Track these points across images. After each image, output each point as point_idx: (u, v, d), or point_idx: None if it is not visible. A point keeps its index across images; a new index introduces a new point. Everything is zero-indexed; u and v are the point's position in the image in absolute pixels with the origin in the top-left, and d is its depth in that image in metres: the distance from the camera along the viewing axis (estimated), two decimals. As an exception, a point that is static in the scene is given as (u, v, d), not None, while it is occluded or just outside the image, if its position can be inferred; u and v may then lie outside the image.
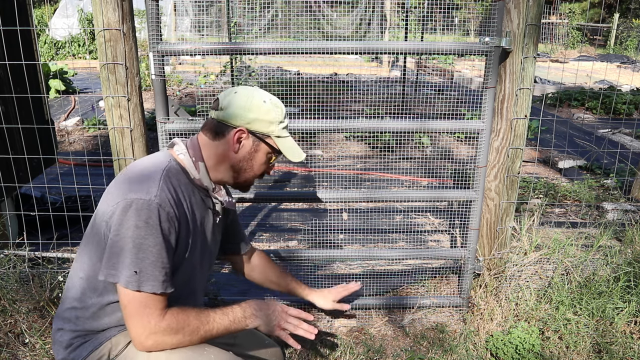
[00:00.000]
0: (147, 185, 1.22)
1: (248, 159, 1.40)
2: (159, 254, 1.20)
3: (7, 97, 2.55)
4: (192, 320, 1.25)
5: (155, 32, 1.89)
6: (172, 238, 1.24)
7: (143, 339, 1.20)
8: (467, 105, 5.83)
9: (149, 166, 1.29)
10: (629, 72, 11.50)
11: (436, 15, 4.79)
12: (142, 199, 1.18)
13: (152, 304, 1.20)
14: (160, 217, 1.19)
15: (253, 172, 1.43)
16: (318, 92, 5.03)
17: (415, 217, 3.47)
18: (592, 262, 2.30)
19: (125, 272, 1.17)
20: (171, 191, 1.26)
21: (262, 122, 1.36)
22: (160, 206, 1.20)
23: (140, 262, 1.17)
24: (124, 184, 1.23)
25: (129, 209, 1.17)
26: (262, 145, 1.39)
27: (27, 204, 2.94)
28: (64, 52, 11.98)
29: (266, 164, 1.43)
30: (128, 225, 1.17)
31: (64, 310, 1.35)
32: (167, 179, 1.27)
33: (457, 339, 2.16)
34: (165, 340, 1.21)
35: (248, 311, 1.34)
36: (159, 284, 1.20)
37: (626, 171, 4.19)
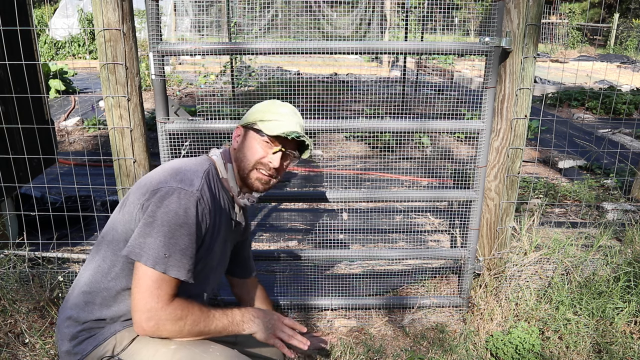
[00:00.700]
0: (191, 179, 1.30)
1: (240, 148, 1.45)
2: (190, 243, 1.25)
3: (7, 97, 2.55)
4: (195, 312, 1.28)
5: (155, 32, 1.89)
6: (202, 232, 1.30)
7: (144, 320, 1.22)
8: (467, 105, 5.83)
9: (193, 164, 1.38)
10: (629, 72, 11.50)
11: (436, 15, 4.79)
12: (185, 190, 1.26)
13: (165, 287, 1.23)
14: (198, 210, 1.26)
15: (247, 161, 1.44)
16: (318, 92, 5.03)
17: (415, 217, 3.47)
18: (592, 262, 2.30)
19: (154, 253, 1.21)
20: (211, 190, 1.35)
21: (251, 115, 1.45)
22: (199, 200, 1.27)
23: (172, 246, 1.22)
24: (167, 174, 1.30)
25: (171, 195, 1.24)
26: (250, 132, 1.45)
27: (27, 204, 2.94)
28: (64, 52, 11.98)
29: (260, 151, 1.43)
30: (167, 209, 1.22)
31: (74, 296, 1.37)
32: (207, 178, 1.36)
33: (457, 339, 2.16)
34: (166, 326, 1.24)
35: (247, 316, 1.37)
36: (184, 271, 1.25)
37: (626, 171, 4.20)
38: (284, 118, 1.43)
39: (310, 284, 2.35)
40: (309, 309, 2.33)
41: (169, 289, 1.24)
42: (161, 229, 1.22)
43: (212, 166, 1.43)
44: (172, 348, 1.27)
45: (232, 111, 4.67)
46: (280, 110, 1.45)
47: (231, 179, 1.46)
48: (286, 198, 2.75)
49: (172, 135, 2.00)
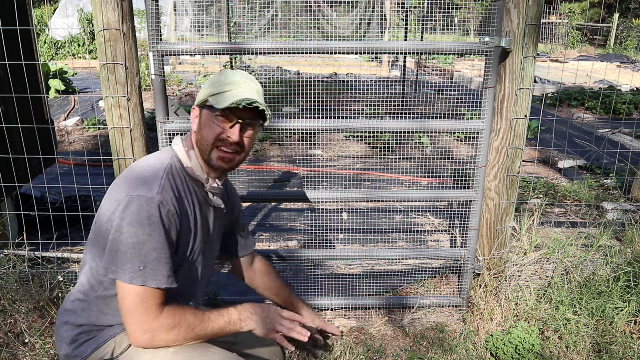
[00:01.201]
0: (150, 183, 1.24)
1: (199, 130, 1.37)
2: (162, 250, 1.21)
3: (7, 97, 2.55)
4: (189, 318, 1.26)
5: (155, 32, 1.89)
6: (173, 235, 1.26)
7: (139, 334, 1.21)
8: (467, 105, 5.83)
9: (152, 165, 1.31)
10: (629, 72, 11.50)
11: (436, 15, 4.79)
12: (144, 197, 1.20)
13: (151, 299, 1.21)
14: (162, 214, 1.21)
15: (206, 140, 1.35)
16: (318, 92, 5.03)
17: (415, 217, 3.47)
18: (592, 262, 2.30)
19: (129, 268, 1.18)
20: (173, 189, 1.28)
21: (204, 91, 1.36)
22: (162, 204, 1.22)
23: (144, 258, 1.19)
24: (127, 183, 1.25)
25: (131, 206, 1.19)
26: (204, 111, 1.36)
27: (27, 204, 2.94)
28: (64, 52, 11.98)
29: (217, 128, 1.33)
30: (130, 222, 1.18)
31: (70, 302, 1.36)
32: (169, 178, 1.29)
33: (457, 339, 2.16)
34: (160, 337, 1.22)
35: (244, 314, 1.35)
36: (164, 279, 1.22)
37: (626, 171, 4.19)
38: (234, 87, 1.32)
39: (310, 284, 2.35)
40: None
41: (155, 300, 1.22)
42: (129, 241, 1.19)
43: (175, 159, 1.36)
44: (171, 351, 1.27)
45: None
46: (231, 80, 1.34)
47: (196, 167, 1.38)
48: (286, 198, 2.75)
49: (172, 135, 2.00)
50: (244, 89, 1.32)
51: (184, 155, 1.37)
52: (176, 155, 1.37)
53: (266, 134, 5.14)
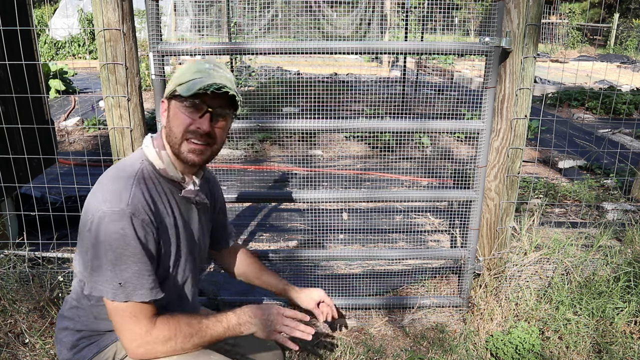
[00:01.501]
0: (119, 194, 1.17)
1: (168, 123, 1.29)
2: (140, 262, 1.17)
3: (7, 97, 2.55)
4: (184, 328, 1.22)
5: (155, 32, 1.89)
6: (151, 244, 1.20)
7: (134, 347, 1.18)
8: (467, 105, 5.82)
9: (121, 172, 1.24)
10: (629, 72, 11.50)
11: (436, 15, 4.79)
12: (113, 210, 1.14)
13: (140, 313, 1.18)
14: (135, 225, 1.15)
15: (175, 134, 1.26)
16: (318, 92, 5.03)
17: (415, 217, 3.47)
18: (592, 262, 2.30)
19: (109, 286, 1.15)
20: (145, 196, 1.21)
21: (171, 83, 1.28)
22: (134, 215, 1.16)
23: (122, 273, 1.15)
24: (98, 194, 1.20)
25: (103, 221, 1.14)
26: (172, 102, 1.27)
27: (27, 204, 2.94)
28: (64, 52, 11.98)
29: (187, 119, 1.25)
30: (105, 237, 1.14)
31: (67, 309, 1.35)
32: (139, 184, 1.22)
33: (457, 339, 2.16)
34: (156, 349, 1.19)
35: (243, 318, 1.30)
36: (147, 291, 1.18)
37: (626, 171, 4.19)
38: (203, 74, 1.23)
39: (310, 284, 2.35)
40: (309, 309, 2.32)
41: (144, 313, 1.18)
42: (106, 259, 1.14)
43: (145, 162, 1.28)
44: (174, 358, 1.26)
45: (232, 111, 4.66)
46: (199, 68, 1.25)
47: (169, 167, 1.29)
48: (286, 198, 2.74)
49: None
50: (213, 76, 1.23)
51: (155, 157, 1.29)
52: (146, 157, 1.29)
53: (266, 134, 5.14)
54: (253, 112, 5.27)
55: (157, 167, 1.29)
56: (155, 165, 1.29)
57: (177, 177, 1.31)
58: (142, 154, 1.30)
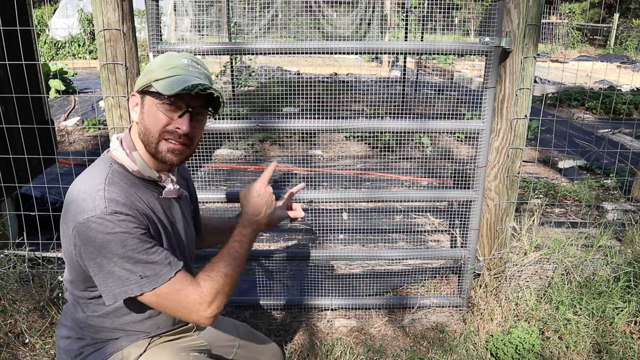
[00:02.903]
0: (93, 202, 1.11)
1: (142, 119, 1.21)
2: (144, 248, 1.13)
3: (7, 97, 2.55)
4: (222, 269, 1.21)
5: (155, 32, 1.89)
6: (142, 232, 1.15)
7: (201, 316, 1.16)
8: (467, 105, 5.82)
9: (90, 182, 1.17)
10: (629, 72, 11.50)
11: (436, 15, 4.79)
12: (93, 216, 1.09)
13: (179, 285, 1.15)
14: (120, 221, 1.11)
15: (151, 132, 1.20)
16: (318, 92, 5.03)
17: (415, 217, 3.47)
18: (592, 262, 2.30)
19: (133, 284, 1.12)
20: (120, 198, 1.15)
21: (145, 75, 1.20)
22: (115, 212, 1.11)
23: (136, 266, 1.12)
24: (72, 211, 1.13)
25: (89, 231, 1.09)
26: (146, 98, 1.19)
27: (27, 204, 2.94)
28: (64, 52, 11.98)
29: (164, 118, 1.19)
30: (99, 245, 1.10)
31: (67, 320, 1.32)
32: (110, 189, 1.15)
33: (457, 339, 2.16)
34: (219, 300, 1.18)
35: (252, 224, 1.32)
36: (167, 269, 1.15)
37: (626, 171, 4.19)
38: (183, 71, 1.17)
39: (310, 284, 2.35)
40: (309, 308, 2.33)
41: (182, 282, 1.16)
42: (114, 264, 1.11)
43: (114, 166, 1.21)
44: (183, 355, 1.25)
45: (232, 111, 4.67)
46: (176, 63, 1.18)
47: (143, 168, 1.23)
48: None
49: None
50: (192, 74, 1.18)
51: (126, 159, 1.22)
52: (115, 161, 1.23)
53: (266, 134, 5.14)
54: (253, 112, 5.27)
55: (130, 170, 1.23)
56: (128, 168, 1.23)
57: (154, 177, 1.26)
58: (107, 159, 1.23)
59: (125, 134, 1.26)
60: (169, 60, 1.19)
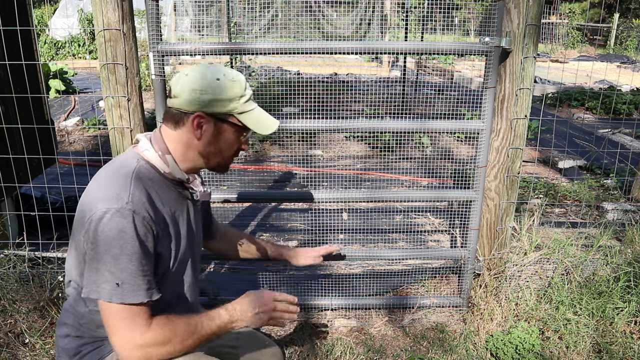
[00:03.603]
0: (117, 193, 1.15)
1: (214, 142, 1.29)
2: (138, 263, 1.15)
3: (7, 97, 2.55)
4: (180, 330, 1.19)
5: (155, 32, 1.89)
6: (149, 243, 1.18)
7: (128, 351, 1.14)
8: (467, 105, 5.83)
9: (117, 171, 1.22)
10: (629, 72, 11.50)
11: (436, 15, 4.79)
12: (113, 208, 1.12)
13: (136, 315, 1.15)
14: (136, 223, 1.14)
15: (223, 155, 1.32)
16: (318, 92, 5.03)
17: (415, 217, 3.47)
18: (592, 262, 2.30)
19: (107, 286, 1.13)
20: (144, 194, 1.19)
21: (220, 102, 1.25)
22: (135, 212, 1.14)
23: (120, 273, 1.13)
24: (95, 194, 1.18)
25: (102, 220, 1.12)
26: (225, 125, 1.28)
27: (27, 204, 2.94)
28: (64, 52, 11.98)
29: (237, 143, 1.32)
30: (104, 236, 1.12)
31: (67, 317, 1.32)
32: (137, 182, 1.20)
33: (457, 339, 2.16)
34: (151, 352, 1.16)
35: (234, 315, 1.28)
36: (143, 292, 1.15)
37: (626, 171, 4.19)
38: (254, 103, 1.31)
39: (310, 284, 2.36)
40: (309, 308, 2.33)
41: (140, 314, 1.15)
42: (104, 259, 1.12)
43: (141, 162, 1.25)
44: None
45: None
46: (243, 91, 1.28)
47: (175, 171, 1.29)
48: (286, 198, 2.75)
49: (172, 135, 2.00)
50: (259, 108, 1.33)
51: (158, 161, 1.27)
52: (145, 159, 1.27)
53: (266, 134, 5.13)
54: (253, 112, 5.25)
55: (162, 171, 1.28)
56: (159, 169, 1.27)
57: (184, 178, 1.31)
58: (135, 154, 1.28)
59: (157, 137, 1.30)
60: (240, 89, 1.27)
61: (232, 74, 1.28)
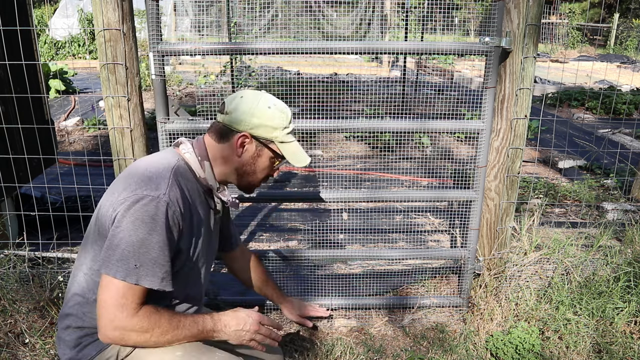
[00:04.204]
0: (157, 182, 1.23)
1: (251, 163, 1.42)
2: (161, 251, 1.19)
3: (7, 97, 2.55)
4: (163, 323, 1.22)
5: (155, 32, 1.89)
6: (175, 236, 1.24)
7: (109, 330, 1.17)
8: (467, 105, 5.82)
9: (158, 164, 1.30)
10: (629, 72, 11.50)
11: (436, 15, 4.79)
12: (150, 195, 1.19)
13: (131, 296, 1.18)
14: (167, 214, 1.20)
15: (256, 176, 1.44)
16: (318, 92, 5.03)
17: (415, 217, 3.47)
18: (592, 262, 2.30)
19: (124, 265, 1.16)
20: (181, 190, 1.27)
21: (266, 128, 1.38)
22: (168, 204, 1.20)
23: (141, 256, 1.17)
24: (132, 180, 1.24)
25: (137, 203, 1.18)
26: (265, 150, 1.41)
27: (27, 204, 2.94)
28: (64, 52, 11.98)
29: (270, 168, 1.45)
30: (133, 219, 1.17)
31: (69, 307, 1.34)
32: (176, 177, 1.28)
33: (457, 339, 2.16)
34: (130, 337, 1.19)
35: (218, 325, 1.31)
36: (157, 280, 1.20)
37: (626, 171, 4.19)
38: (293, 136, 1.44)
39: (310, 284, 2.35)
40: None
41: (135, 298, 1.19)
42: (129, 239, 1.17)
43: (181, 161, 1.35)
44: (178, 355, 1.25)
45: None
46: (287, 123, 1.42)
47: (210, 177, 1.40)
48: (286, 198, 2.75)
49: (172, 135, 2.00)
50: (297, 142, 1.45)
51: (196, 165, 1.37)
52: (185, 160, 1.37)
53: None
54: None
55: (198, 175, 1.37)
56: (196, 173, 1.37)
57: (215, 186, 1.42)
58: (175, 153, 1.37)
59: (200, 143, 1.40)
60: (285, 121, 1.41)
61: (281, 106, 1.42)
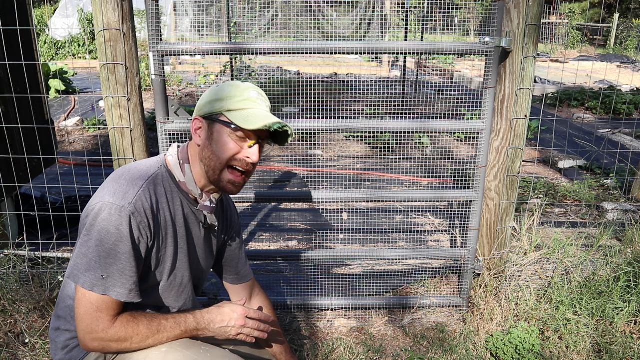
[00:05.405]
0: (125, 191, 1.18)
1: (208, 144, 1.26)
2: (127, 262, 1.17)
3: (7, 97, 2.55)
4: (142, 330, 1.21)
5: (155, 32, 1.89)
6: (142, 248, 1.21)
7: (88, 341, 1.18)
8: (467, 105, 5.82)
9: (137, 170, 1.25)
10: (629, 72, 11.50)
11: (436, 15, 4.79)
12: (116, 205, 1.15)
13: (105, 309, 1.17)
14: (132, 225, 1.16)
15: (218, 159, 1.25)
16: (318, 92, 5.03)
17: (415, 217, 3.47)
18: (592, 262, 2.30)
19: (91, 275, 1.15)
20: (151, 200, 1.21)
21: (213, 103, 1.26)
22: (133, 214, 1.16)
23: (108, 267, 1.15)
24: (107, 186, 1.21)
25: (103, 212, 1.15)
26: (217, 125, 1.25)
27: (27, 204, 2.94)
28: (64, 52, 11.98)
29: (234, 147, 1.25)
30: (100, 228, 1.15)
31: (60, 309, 1.34)
32: (150, 187, 1.22)
33: (457, 339, 2.16)
34: (110, 346, 1.19)
35: (202, 323, 1.28)
36: (125, 292, 1.18)
37: (626, 171, 4.19)
38: (255, 105, 1.25)
39: (310, 284, 2.35)
40: (309, 309, 2.33)
41: (109, 310, 1.17)
42: (96, 249, 1.14)
43: (163, 169, 1.28)
44: (163, 351, 1.24)
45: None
46: (249, 95, 1.26)
47: (189, 182, 1.30)
48: (286, 198, 2.75)
49: (172, 135, 2.00)
50: (263, 107, 1.26)
51: (177, 168, 1.30)
52: (166, 165, 1.30)
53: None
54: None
55: (177, 179, 1.30)
56: (176, 177, 1.30)
57: (196, 193, 1.32)
58: (161, 159, 1.31)
59: (185, 147, 1.33)
60: (238, 91, 1.26)
61: (238, 82, 1.30)
